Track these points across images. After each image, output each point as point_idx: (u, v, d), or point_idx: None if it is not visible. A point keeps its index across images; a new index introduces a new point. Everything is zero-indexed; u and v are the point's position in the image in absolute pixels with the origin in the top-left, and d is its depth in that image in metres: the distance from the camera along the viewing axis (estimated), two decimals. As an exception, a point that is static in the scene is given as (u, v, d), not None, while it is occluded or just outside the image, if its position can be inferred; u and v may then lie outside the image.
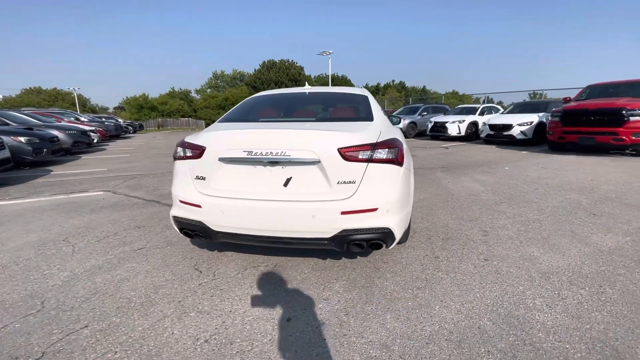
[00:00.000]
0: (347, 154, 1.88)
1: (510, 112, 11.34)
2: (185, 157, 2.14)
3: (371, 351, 1.52)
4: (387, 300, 1.93)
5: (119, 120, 22.96)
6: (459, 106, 15.16)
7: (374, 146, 1.91)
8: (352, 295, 1.99)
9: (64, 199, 4.46)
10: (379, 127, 2.21)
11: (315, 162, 1.88)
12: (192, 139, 2.17)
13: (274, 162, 1.91)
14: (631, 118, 6.71)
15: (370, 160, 1.90)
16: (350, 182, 1.90)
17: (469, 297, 1.95)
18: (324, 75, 67.83)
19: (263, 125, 2.19)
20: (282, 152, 1.89)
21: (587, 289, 2.01)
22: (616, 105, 7.02)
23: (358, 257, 2.51)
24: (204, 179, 2.07)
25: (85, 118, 16.15)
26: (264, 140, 1.94)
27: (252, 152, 1.92)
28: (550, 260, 2.39)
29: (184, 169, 2.15)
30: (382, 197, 1.92)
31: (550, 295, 1.94)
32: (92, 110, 53.62)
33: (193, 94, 54.02)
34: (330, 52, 27.26)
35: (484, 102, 20.63)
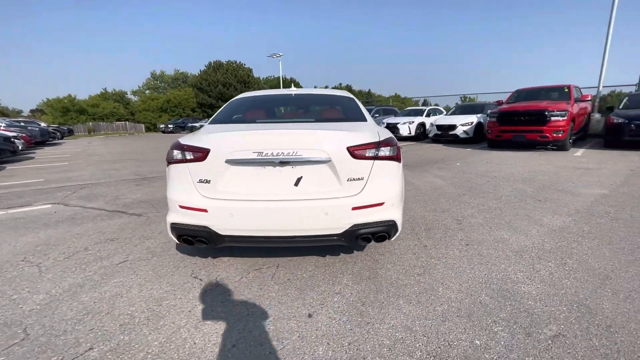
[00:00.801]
0: (356, 152, 1.98)
1: (453, 113, 12.50)
2: (185, 160, 2.05)
3: (397, 334, 1.63)
4: (395, 288, 2.07)
5: (42, 124, 20.22)
6: (407, 108, 16.24)
7: (378, 144, 2.04)
8: (362, 287, 2.09)
9: (3, 215, 3.85)
10: (374, 126, 2.35)
11: (326, 161, 1.95)
12: (191, 140, 2.08)
13: (284, 162, 1.93)
14: (552, 118, 7.88)
15: (375, 157, 2.02)
16: (359, 178, 2.00)
17: (463, 277, 2.17)
18: (273, 77, 67.39)
19: (268, 126, 2.18)
20: (293, 152, 1.92)
21: (553, 261, 2.36)
22: (540, 107, 8.18)
23: (354, 251, 2.62)
24: (208, 182, 2.00)
25: (1, 123, 13.94)
26: (275, 140, 1.95)
27: (263, 152, 1.92)
28: (518, 241, 2.75)
29: (184, 172, 2.05)
30: (387, 191, 2.06)
31: (527, 270, 2.25)
32: (2, 113, 46.27)
33: (129, 96, 49.64)
34: (281, 54, 27.22)
35: (423, 105, 22.35)
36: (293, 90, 3.04)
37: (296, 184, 1.96)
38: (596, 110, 11.44)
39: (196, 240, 2.08)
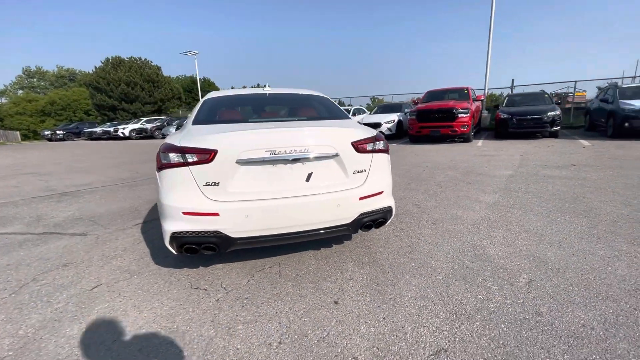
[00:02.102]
0: (359, 146, 2.15)
1: (376, 113, 13.69)
2: (187, 164, 1.91)
3: (418, 303, 1.86)
4: (397, 266, 2.31)
5: None
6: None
7: (375, 139, 2.25)
8: (368, 270, 2.28)
9: None
10: (358, 123, 2.56)
11: (334, 156, 2.07)
12: (192, 142, 1.94)
13: (296, 159, 1.98)
14: (459, 115, 9.37)
15: (374, 151, 2.23)
16: (362, 170, 2.17)
17: (444, 250, 2.55)
18: (183, 76, 62.46)
19: (269, 125, 2.16)
20: (305, 149, 1.98)
21: (501, 228, 2.94)
22: (449, 106, 9.63)
23: (344, 241, 2.79)
24: (217, 184, 1.91)
25: None
26: (286, 138, 1.97)
27: (276, 151, 1.93)
28: (470, 216, 3.31)
29: (186, 176, 1.91)
30: (384, 181, 2.29)
31: (487, 237, 2.75)
32: None
33: (-5, 97, 40.20)
34: (196, 52, 25.44)
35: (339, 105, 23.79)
36: (267, 90, 3.03)
37: (307, 179, 2.03)
38: (484, 108, 13.95)
39: (203, 248, 1.96)
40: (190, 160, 1.90)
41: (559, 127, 9.52)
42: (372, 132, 2.28)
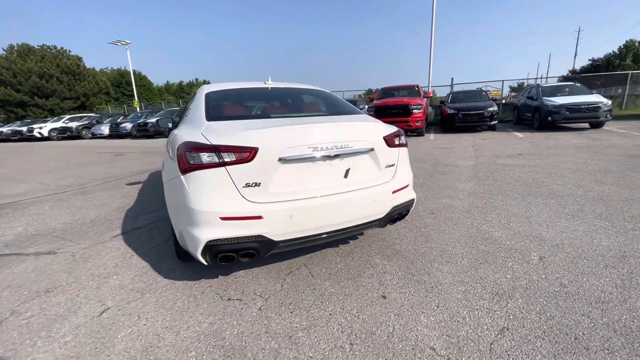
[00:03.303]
0: (389, 140, 2.16)
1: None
2: (223, 164, 1.72)
3: (460, 287, 1.96)
4: (420, 255, 2.40)
5: None
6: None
7: (399, 133, 2.29)
8: (397, 263, 2.32)
9: None
10: None
11: (370, 151, 2.05)
12: (228, 139, 1.75)
13: (336, 155, 1.92)
14: (414, 111, 9.98)
15: (400, 145, 2.27)
16: (392, 165, 2.20)
17: (455, 236, 2.71)
18: (110, 69, 56.06)
19: (299, 120, 2.05)
20: (344, 145, 1.93)
21: (492, 214, 3.22)
22: (404, 102, 10.20)
23: (357, 236, 2.80)
24: (258, 185, 1.76)
25: None
26: (327, 134, 1.90)
27: (318, 147, 1.85)
28: (459, 204, 3.57)
29: (223, 177, 1.73)
30: (408, 174, 2.35)
31: (484, 221, 3.00)
32: None
33: None
34: (128, 42, 22.94)
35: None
36: (270, 84, 2.87)
37: (345, 175, 1.99)
38: (428, 104, 15.07)
39: (242, 255, 1.81)
40: (227, 159, 1.73)
41: (496, 122, 10.73)
42: (395, 127, 2.31)
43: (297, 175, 1.86)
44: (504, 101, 17.15)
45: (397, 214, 2.26)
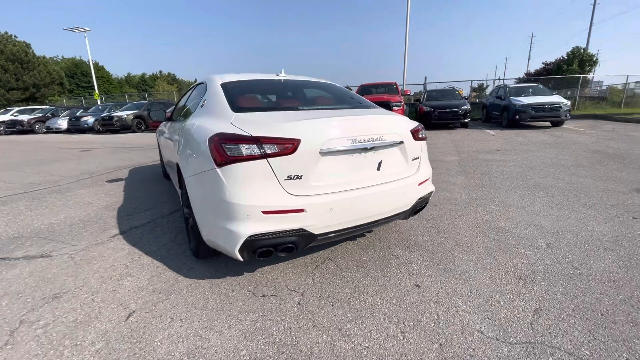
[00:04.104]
0: (415, 134, 2.21)
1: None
2: (264, 156, 1.66)
3: (484, 274, 2.06)
4: (438, 245, 2.49)
5: None
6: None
7: (422, 127, 2.34)
8: (418, 253, 2.39)
9: None
10: None
11: (400, 144, 2.09)
12: (269, 131, 1.69)
13: (371, 148, 1.93)
14: (394, 108, 10.23)
15: (422, 138, 2.32)
16: (417, 158, 2.25)
17: (463, 226, 2.84)
18: (62, 58, 51.63)
19: (334, 112, 2.02)
20: (379, 137, 1.94)
21: (490, 205, 3.41)
22: (384, 99, 10.42)
23: (372, 229, 2.84)
24: (299, 177, 1.73)
25: None
26: (366, 126, 1.90)
27: (356, 139, 1.84)
28: (457, 196, 3.73)
29: (264, 169, 1.67)
30: (429, 167, 2.42)
31: (485, 212, 3.16)
32: None
33: None
34: (87, 29, 21.18)
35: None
36: (282, 76, 2.81)
37: (378, 168, 2.01)
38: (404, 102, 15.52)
39: (281, 250, 1.77)
40: (269, 151, 1.67)
41: (469, 119, 11.31)
42: (416, 121, 2.37)
43: (336, 167, 1.84)
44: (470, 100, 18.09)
45: (420, 207, 2.32)
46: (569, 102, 10.09)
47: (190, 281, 2.07)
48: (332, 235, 1.88)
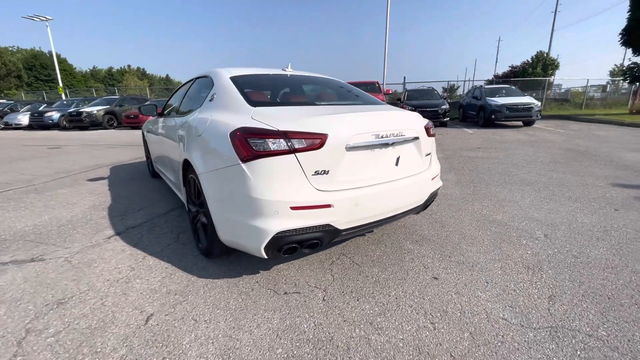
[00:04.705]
0: (428, 130, 2.26)
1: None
2: (293, 150, 1.63)
3: (495, 265, 2.15)
4: (445, 239, 2.56)
5: None
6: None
7: (432, 124, 2.40)
8: (428, 247, 2.45)
9: None
10: None
11: (415, 139, 2.12)
12: (297, 125, 1.66)
13: (392, 143, 1.95)
14: (377, 106, 10.38)
15: (433, 135, 2.38)
16: (429, 153, 2.30)
17: (465, 221, 2.94)
18: (18, 49, 47.94)
19: (356, 108, 2.02)
20: (398, 133, 1.97)
21: (486, 200, 3.55)
22: (368, 97, 10.55)
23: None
24: (326, 172, 1.71)
25: None
26: (388, 122, 1.92)
27: (380, 135, 1.86)
28: (452, 192, 3.86)
29: (292, 165, 1.64)
30: (438, 163, 2.48)
31: (483, 207, 3.30)
32: None
33: None
34: (49, 18, 19.71)
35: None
36: (289, 71, 2.76)
37: (396, 163, 2.03)
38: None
39: (306, 246, 1.75)
40: (298, 146, 1.64)
41: (448, 118, 11.70)
42: (426, 119, 2.42)
43: (360, 163, 1.85)
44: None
45: (430, 201, 2.38)
46: (539, 103, 10.72)
47: (205, 281, 2.00)
48: (355, 230, 1.88)
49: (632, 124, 10.52)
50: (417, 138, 2.13)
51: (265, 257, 1.73)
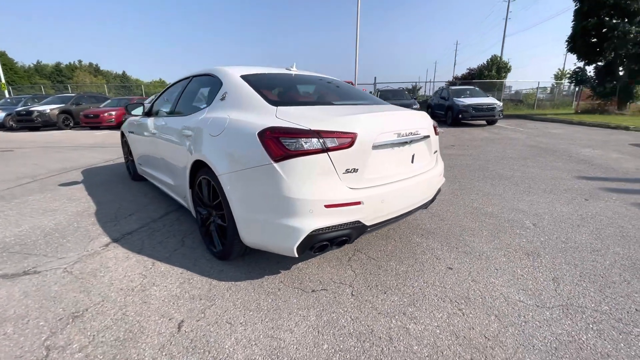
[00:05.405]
0: (435, 129, 2.39)
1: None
2: (326, 150, 1.66)
3: (499, 253, 2.33)
4: (448, 231, 2.72)
5: None
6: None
7: (436, 123, 2.53)
8: (435, 239, 2.58)
9: None
10: None
11: (427, 137, 2.23)
12: (329, 125, 1.68)
13: (410, 142, 2.04)
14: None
15: (438, 133, 2.51)
16: (436, 151, 2.43)
17: (460, 214, 3.13)
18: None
19: (373, 108, 2.07)
20: (415, 131, 2.06)
21: (474, 194, 3.80)
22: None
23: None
24: (356, 170, 1.76)
25: None
26: (407, 121, 2.00)
27: (400, 133, 1.93)
28: (451, 188, 4.06)
29: (325, 164, 1.67)
30: (442, 160, 2.62)
31: (474, 200, 3.53)
32: None
33: None
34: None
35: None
36: (294, 71, 2.76)
37: (412, 160, 2.13)
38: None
39: (336, 243, 1.79)
40: (330, 145, 1.67)
41: (419, 118, 12.21)
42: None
43: (383, 160, 1.91)
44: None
45: (436, 197, 2.51)
46: (501, 104, 11.55)
47: (227, 284, 1.96)
48: (378, 226, 1.95)
49: (579, 123, 11.71)
50: (428, 136, 2.24)
51: (296, 256, 1.74)
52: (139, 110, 3.50)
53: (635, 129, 9.65)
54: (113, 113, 12.85)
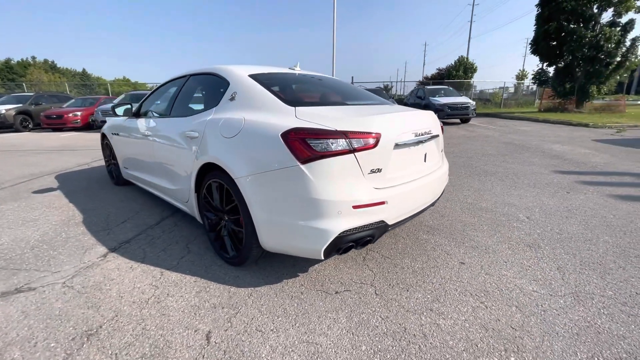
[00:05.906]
0: (442, 128, 2.45)
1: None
2: (352, 150, 1.65)
3: (503, 246, 2.44)
4: (451, 228, 2.81)
5: None
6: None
7: (441, 123, 2.60)
8: (441, 235, 2.66)
9: None
10: None
11: (436, 137, 2.29)
12: (354, 125, 1.67)
13: (425, 141, 2.09)
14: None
15: (442, 133, 2.58)
16: (442, 150, 2.50)
17: (458, 210, 3.25)
18: None
19: (392, 108, 2.10)
20: (428, 131, 2.11)
21: (467, 190, 3.95)
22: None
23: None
24: (380, 170, 1.77)
25: None
26: (422, 121, 2.03)
27: (417, 133, 1.97)
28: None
29: (352, 164, 1.66)
30: (447, 160, 2.70)
31: (468, 196, 3.67)
32: None
33: None
34: None
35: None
36: (298, 70, 2.72)
37: (425, 159, 2.18)
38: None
39: (365, 242, 1.79)
40: (356, 146, 1.67)
41: (398, 117, 12.51)
42: (436, 118, 2.63)
43: (402, 160, 1.94)
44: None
45: (442, 194, 2.59)
46: (474, 102, 12.10)
47: (247, 290, 1.91)
48: (398, 224, 1.98)
49: (544, 120, 12.53)
50: (437, 135, 2.30)
51: (323, 258, 1.72)
52: (123, 111, 3.30)
53: (594, 126, 10.48)
54: (79, 113, 12.04)
